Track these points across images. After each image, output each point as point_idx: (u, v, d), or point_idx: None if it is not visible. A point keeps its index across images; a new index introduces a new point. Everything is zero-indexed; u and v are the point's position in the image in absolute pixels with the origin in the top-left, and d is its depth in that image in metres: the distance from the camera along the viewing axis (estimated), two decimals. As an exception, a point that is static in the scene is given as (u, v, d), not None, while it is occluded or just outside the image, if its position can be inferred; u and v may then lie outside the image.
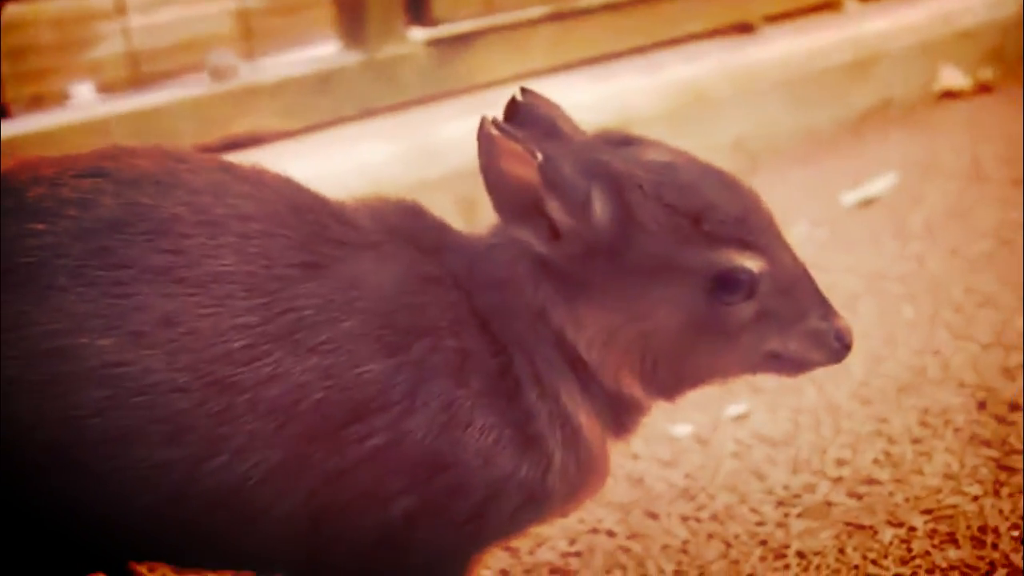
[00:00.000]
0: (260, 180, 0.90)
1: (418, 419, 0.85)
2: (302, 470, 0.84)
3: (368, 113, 2.14)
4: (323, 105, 2.09)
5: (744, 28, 2.64)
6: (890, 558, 1.21)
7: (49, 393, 0.80)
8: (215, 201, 0.85)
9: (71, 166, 0.86)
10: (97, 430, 0.80)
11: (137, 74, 2.03)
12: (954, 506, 1.28)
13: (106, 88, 2.05)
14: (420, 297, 0.88)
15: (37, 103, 1.95)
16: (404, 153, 2.00)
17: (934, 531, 1.24)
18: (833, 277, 1.88)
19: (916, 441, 1.41)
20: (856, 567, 1.20)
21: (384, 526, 0.88)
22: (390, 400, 0.85)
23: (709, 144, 2.39)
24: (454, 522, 0.89)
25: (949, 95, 2.76)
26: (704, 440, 1.45)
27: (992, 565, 1.18)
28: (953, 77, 2.77)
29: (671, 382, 0.92)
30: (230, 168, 0.90)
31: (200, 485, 0.83)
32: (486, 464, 0.87)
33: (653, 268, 0.87)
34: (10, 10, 1.93)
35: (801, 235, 2.04)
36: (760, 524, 1.28)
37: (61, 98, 2.01)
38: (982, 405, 1.47)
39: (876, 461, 1.38)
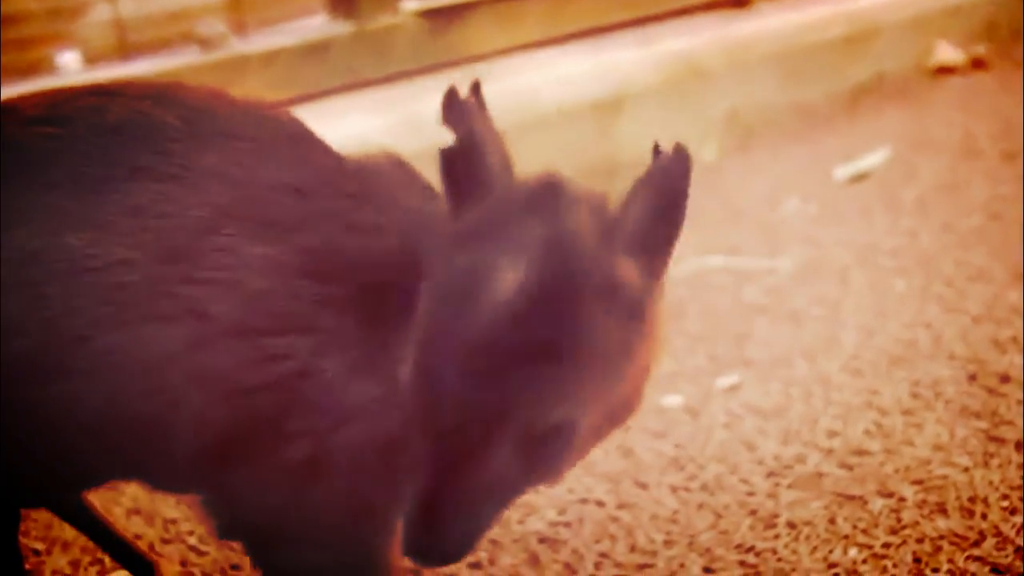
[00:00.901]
0: (260, 109, 0.90)
1: (333, 358, 0.81)
2: (220, 361, 0.80)
3: (358, 84, 2.12)
4: (313, 76, 2.07)
5: (739, 2, 2.63)
6: (880, 528, 1.20)
7: (33, 293, 0.80)
8: (210, 121, 0.85)
9: (75, 90, 0.88)
10: (72, 327, 0.79)
11: (125, 44, 2.01)
12: (944, 476, 1.27)
13: (93, 58, 2.03)
14: (384, 241, 0.85)
15: (23, 72, 1.93)
16: (394, 125, 1.98)
17: (924, 501, 1.24)
18: (825, 251, 1.87)
19: (907, 413, 1.41)
20: (846, 537, 1.20)
21: (286, 470, 0.83)
22: (315, 325, 0.81)
23: (702, 117, 2.39)
24: (364, 480, 0.83)
25: (943, 71, 2.75)
26: (695, 411, 1.45)
27: (981, 535, 1.17)
28: (947, 53, 2.76)
29: None
30: (232, 99, 0.90)
31: (133, 356, 0.80)
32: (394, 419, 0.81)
33: None
34: (-4, -22, 1.91)
35: (792, 209, 2.03)
36: (750, 494, 1.28)
37: (48, 67, 1.99)
38: (973, 377, 1.47)
39: (867, 432, 1.37)
